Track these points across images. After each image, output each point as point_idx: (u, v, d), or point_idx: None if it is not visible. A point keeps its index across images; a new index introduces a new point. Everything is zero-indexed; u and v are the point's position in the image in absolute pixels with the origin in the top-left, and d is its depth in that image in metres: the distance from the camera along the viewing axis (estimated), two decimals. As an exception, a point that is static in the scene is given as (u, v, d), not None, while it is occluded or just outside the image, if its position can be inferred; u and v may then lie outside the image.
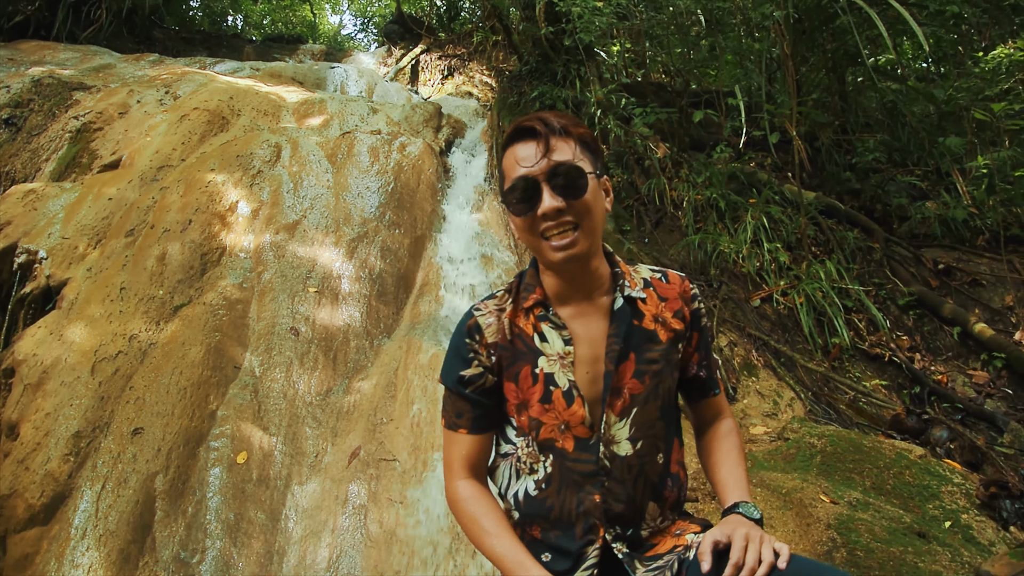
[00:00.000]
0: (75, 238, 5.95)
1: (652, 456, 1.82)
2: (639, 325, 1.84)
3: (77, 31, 13.93)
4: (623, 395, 1.79)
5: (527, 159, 1.71)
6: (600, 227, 1.78)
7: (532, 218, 1.72)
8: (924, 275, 6.32)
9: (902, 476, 3.83)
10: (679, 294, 1.94)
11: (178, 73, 9.54)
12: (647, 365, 1.82)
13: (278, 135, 7.31)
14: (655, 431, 1.83)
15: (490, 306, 1.93)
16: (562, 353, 1.80)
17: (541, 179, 1.69)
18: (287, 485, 4.36)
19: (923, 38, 5.49)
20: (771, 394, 5.29)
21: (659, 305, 1.89)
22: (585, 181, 1.71)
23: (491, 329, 1.88)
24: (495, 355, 1.87)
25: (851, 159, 7.48)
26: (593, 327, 1.83)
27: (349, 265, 5.89)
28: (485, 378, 1.88)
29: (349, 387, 5.08)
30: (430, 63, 15.89)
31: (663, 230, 7.25)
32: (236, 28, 22.84)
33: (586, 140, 1.79)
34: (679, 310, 1.91)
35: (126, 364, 4.79)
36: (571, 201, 1.69)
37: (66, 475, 4.12)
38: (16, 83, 8.40)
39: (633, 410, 1.79)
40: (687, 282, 1.98)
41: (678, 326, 1.89)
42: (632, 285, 1.87)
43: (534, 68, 9.69)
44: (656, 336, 1.85)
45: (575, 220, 1.70)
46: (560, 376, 1.79)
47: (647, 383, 1.81)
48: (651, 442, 1.82)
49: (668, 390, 1.87)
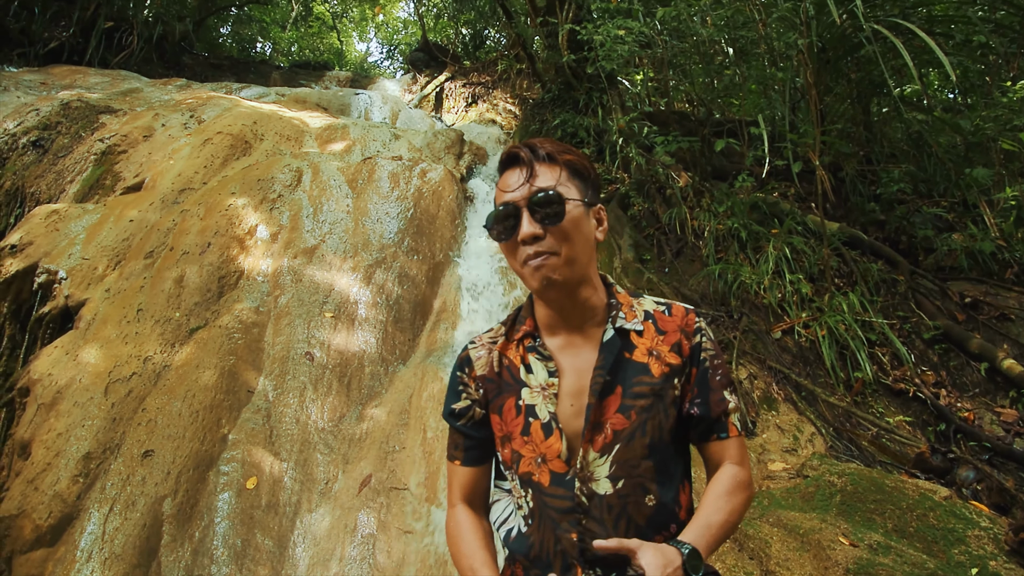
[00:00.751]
0: (95, 259, 5.98)
1: (637, 497, 1.69)
2: (629, 358, 1.76)
3: (109, 56, 14.23)
4: (604, 430, 1.70)
5: (511, 185, 1.71)
6: (584, 256, 1.73)
7: (512, 244, 1.70)
8: (950, 309, 6.19)
9: (926, 518, 3.70)
10: (679, 327, 1.82)
11: (203, 98, 9.65)
12: (634, 400, 1.72)
13: (300, 160, 7.35)
14: (640, 470, 1.70)
15: (484, 339, 1.94)
16: (544, 384, 1.76)
17: (522, 205, 1.68)
18: (296, 512, 4.31)
19: (950, 68, 5.40)
20: (791, 429, 5.17)
21: (656, 338, 1.80)
22: (562, 208, 1.67)
23: (480, 362, 1.89)
24: (482, 388, 1.88)
25: (876, 190, 7.38)
26: (582, 359, 1.77)
27: (366, 291, 5.87)
28: (473, 411, 1.89)
29: (362, 414, 5.03)
30: (454, 90, 16.02)
31: (684, 260, 7.18)
32: (264, 55, 23.19)
33: (575, 167, 1.77)
34: (677, 343, 1.80)
35: (139, 386, 4.77)
36: (549, 227, 1.66)
37: (75, 496, 4.09)
38: (46, 106, 8.53)
39: (615, 447, 1.69)
40: (692, 315, 1.86)
41: (674, 360, 1.78)
42: (629, 317, 1.81)
43: (557, 96, 9.71)
44: (648, 370, 1.75)
45: (554, 247, 1.67)
46: (541, 408, 1.75)
47: (632, 419, 1.70)
48: (635, 482, 1.69)
49: (659, 427, 1.73)
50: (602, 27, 7.45)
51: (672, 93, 10.21)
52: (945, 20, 7.13)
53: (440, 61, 17.23)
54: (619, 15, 7.84)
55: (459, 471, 1.93)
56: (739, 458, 1.81)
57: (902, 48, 5.53)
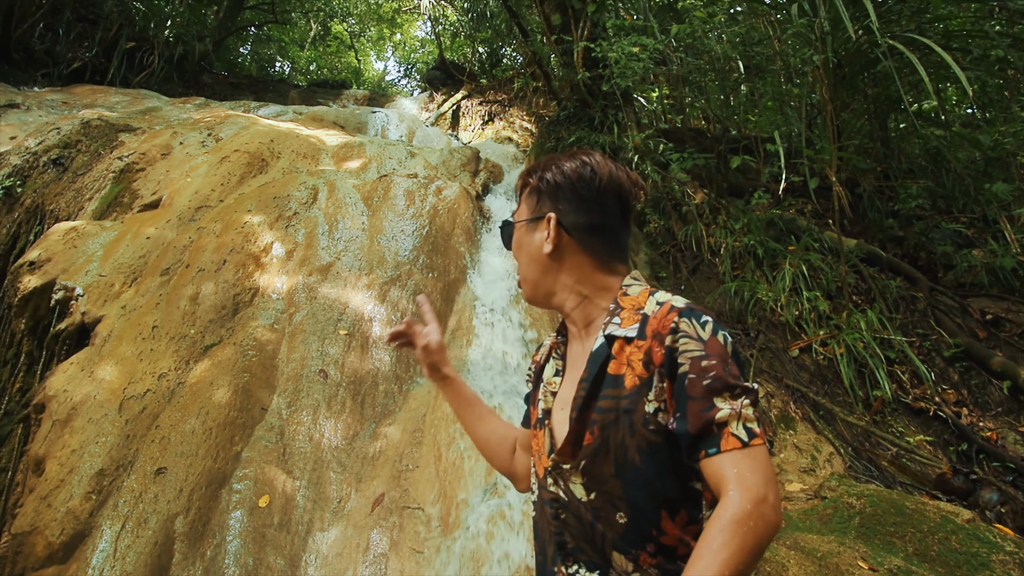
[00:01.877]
0: (112, 276, 6.01)
1: (608, 512, 1.57)
2: (608, 368, 1.63)
3: (131, 76, 14.45)
4: (581, 443, 1.63)
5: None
6: (533, 273, 1.82)
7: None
8: (971, 326, 6.11)
9: (948, 542, 3.62)
10: (655, 330, 1.55)
11: (221, 116, 9.73)
12: (599, 415, 1.59)
13: (316, 177, 7.38)
14: (609, 488, 1.57)
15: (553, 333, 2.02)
16: (548, 382, 1.86)
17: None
18: (308, 531, 4.28)
19: (966, 83, 5.37)
20: (809, 448, 5.11)
21: (637, 343, 1.59)
22: (508, 233, 1.90)
23: (541, 351, 2.02)
24: (533, 375, 2.03)
25: (894, 206, 7.32)
26: (579, 366, 1.74)
27: (381, 308, 5.86)
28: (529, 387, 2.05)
29: (376, 432, 5.01)
30: (471, 108, 16.11)
31: (700, 277, 7.14)
32: (283, 74, 23.42)
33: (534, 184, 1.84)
34: (647, 349, 1.55)
35: (153, 403, 4.78)
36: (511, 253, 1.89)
37: (87, 513, 4.09)
38: (67, 125, 8.62)
39: (582, 462, 1.61)
40: (672, 314, 1.53)
41: (643, 372, 1.55)
42: (625, 322, 1.63)
43: (572, 113, 9.71)
44: (621, 381, 1.59)
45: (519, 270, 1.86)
46: (541, 402, 1.85)
47: (595, 435, 1.58)
48: (606, 498, 1.58)
49: (622, 446, 1.55)
50: (617, 44, 7.45)
51: (688, 110, 10.19)
52: (962, 35, 7.10)
53: (457, 79, 17.35)
54: (634, 32, 7.84)
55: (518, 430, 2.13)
56: (738, 479, 1.35)
57: (918, 63, 5.50)
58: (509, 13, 12.14)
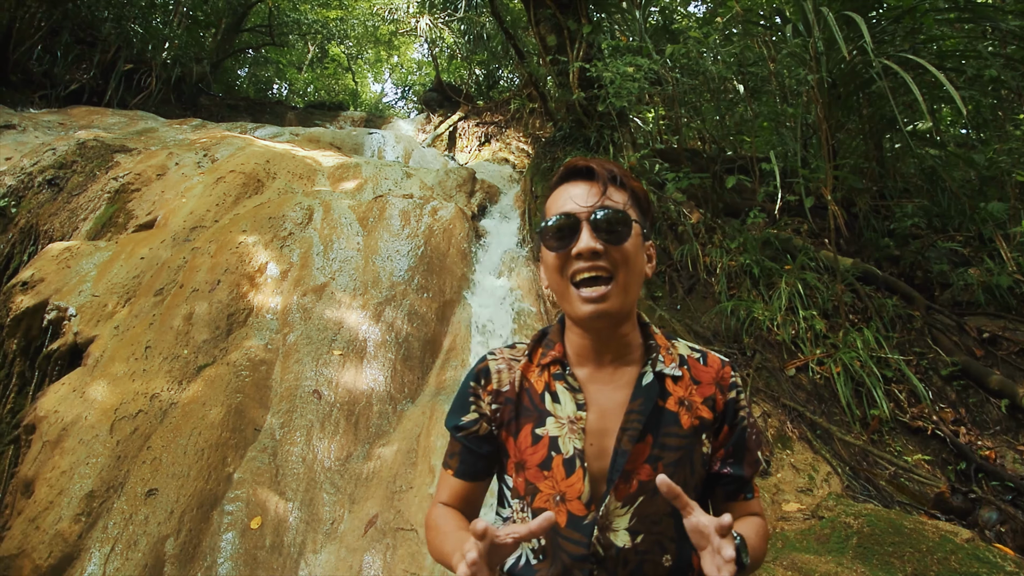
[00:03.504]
0: (105, 296, 5.98)
1: (655, 556, 1.59)
2: (663, 405, 1.65)
3: (128, 98, 14.53)
4: (631, 480, 1.58)
5: (578, 197, 1.61)
6: (636, 287, 1.64)
7: (565, 256, 1.60)
8: (968, 344, 6.08)
9: (947, 562, 3.56)
10: (715, 379, 1.72)
11: (217, 137, 9.74)
12: (663, 452, 1.61)
13: (311, 198, 7.37)
14: (661, 527, 1.59)
15: (505, 354, 1.82)
16: (573, 418, 1.63)
17: (583, 217, 1.58)
18: (300, 553, 4.23)
19: (960, 102, 5.38)
20: (806, 468, 5.06)
21: (690, 387, 1.69)
22: (629, 229, 1.59)
23: (500, 376, 1.77)
24: (497, 405, 1.75)
25: (890, 225, 7.32)
26: (609, 396, 1.65)
27: (375, 328, 5.84)
28: (479, 425, 1.77)
29: (370, 453, 4.97)
30: (468, 130, 16.16)
31: (696, 296, 7.12)
32: (280, 95, 23.55)
33: (638, 196, 1.68)
34: (711, 396, 1.69)
35: (145, 423, 4.74)
36: (610, 247, 1.57)
37: (76, 535, 4.03)
38: (62, 146, 8.63)
39: (639, 499, 1.58)
40: (728, 368, 1.75)
41: (706, 414, 1.67)
42: (667, 361, 1.69)
43: (568, 134, 9.73)
44: (679, 420, 1.64)
45: (610, 269, 1.57)
46: (566, 442, 1.62)
47: (660, 471, 1.57)
48: (655, 539, 1.59)
49: (684, 484, 1.59)
50: (612, 65, 7.47)
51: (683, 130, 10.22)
52: (956, 55, 7.14)
53: (454, 101, 17.42)
54: (629, 53, 7.87)
55: (451, 481, 1.81)
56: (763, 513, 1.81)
57: (912, 83, 5.52)
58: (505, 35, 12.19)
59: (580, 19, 9.12)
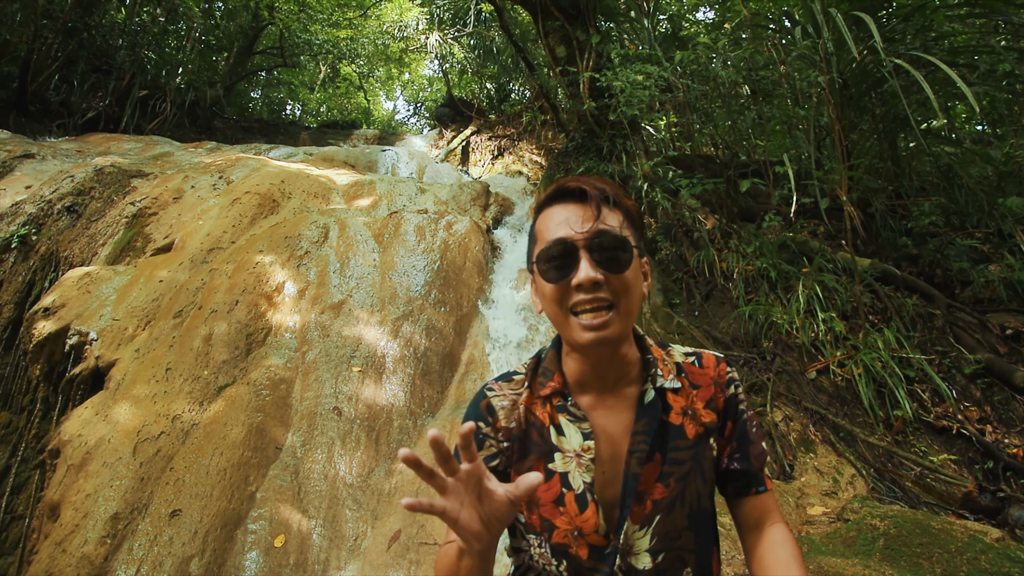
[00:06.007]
0: (125, 320, 6.04)
1: (677, 570, 1.58)
2: (666, 420, 1.62)
3: (144, 123, 14.70)
4: (645, 501, 1.56)
5: (572, 221, 1.52)
6: (636, 310, 1.57)
7: (564, 288, 1.51)
8: (991, 341, 6.00)
9: (977, 562, 3.50)
10: (713, 379, 1.70)
11: (232, 159, 9.82)
12: (672, 466, 1.59)
13: (326, 216, 7.41)
14: (681, 542, 1.58)
15: (504, 389, 1.74)
16: (580, 450, 1.60)
17: (581, 246, 1.50)
18: (325, 570, 4.23)
19: (973, 99, 5.33)
20: (830, 471, 5.01)
21: (691, 395, 1.66)
22: (629, 255, 1.52)
23: (504, 412, 1.70)
24: (507, 442, 1.68)
25: (907, 224, 7.25)
26: (614, 421, 1.62)
27: (394, 344, 5.85)
28: (498, 460, 1.67)
29: (391, 468, 4.96)
30: (480, 144, 16.20)
31: (713, 302, 7.08)
32: (293, 116, 23.74)
33: (632, 214, 1.61)
34: (711, 398, 1.68)
35: (168, 445, 4.76)
36: (610, 275, 1.49)
37: (102, 558, 4.05)
38: (80, 172, 8.73)
39: (655, 518, 1.56)
40: (724, 365, 1.74)
41: (709, 418, 1.66)
42: (665, 373, 1.66)
43: (580, 144, 9.74)
44: (683, 432, 1.62)
45: (611, 298, 1.49)
46: (575, 476, 1.59)
47: (672, 487, 1.57)
48: (675, 555, 1.58)
49: (697, 494, 1.61)
50: (622, 73, 7.49)
51: (696, 136, 10.21)
52: (968, 51, 7.08)
53: (466, 116, 17.48)
54: (638, 61, 7.88)
55: None
56: (779, 513, 1.73)
57: (923, 81, 5.48)
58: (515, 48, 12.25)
59: (588, 29, 9.16)
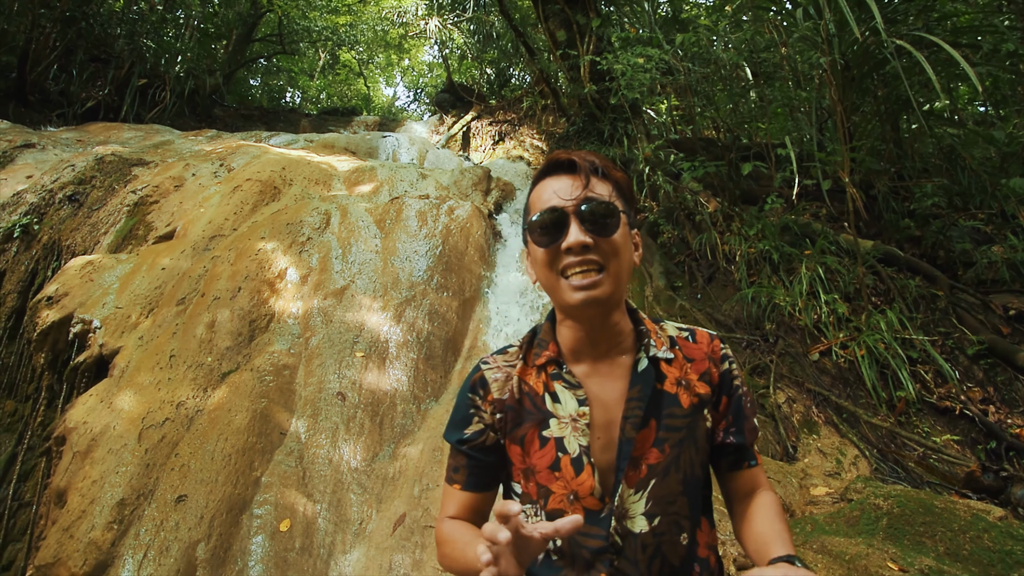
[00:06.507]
0: (128, 307, 6.04)
1: (673, 535, 1.62)
2: (661, 388, 1.68)
3: (143, 112, 14.64)
4: (640, 466, 1.61)
5: (562, 191, 1.61)
6: (626, 276, 1.64)
7: (555, 251, 1.59)
8: (994, 322, 6.01)
9: (980, 540, 3.52)
10: (707, 354, 1.76)
11: (233, 147, 9.80)
12: (668, 433, 1.64)
13: (328, 202, 7.40)
14: (676, 507, 1.63)
15: (499, 361, 1.81)
16: (575, 415, 1.65)
17: (571, 211, 1.57)
18: (330, 554, 4.25)
19: (976, 79, 5.31)
20: (834, 452, 5.02)
21: (684, 367, 1.72)
22: (617, 220, 1.59)
23: (497, 384, 1.76)
24: (500, 413, 1.74)
25: (909, 205, 7.24)
26: (609, 388, 1.67)
27: (396, 329, 5.85)
28: (486, 435, 1.75)
29: (395, 452, 4.98)
30: (481, 129, 16.15)
31: (716, 285, 7.09)
32: (294, 103, 23.68)
33: (622, 185, 1.68)
34: (706, 372, 1.73)
35: (172, 431, 4.78)
36: (599, 239, 1.56)
37: (109, 543, 4.08)
38: (81, 162, 8.71)
39: (651, 482, 1.61)
40: (717, 341, 1.80)
41: (703, 390, 1.71)
42: (658, 344, 1.71)
43: (581, 128, 9.72)
44: (678, 400, 1.68)
45: (600, 260, 1.56)
46: (571, 441, 1.64)
47: (667, 452, 1.63)
48: (671, 519, 1.62)
49: (691, 462, 1.66)
50: (622, 56, 7.45)
51: (697, 120, 10.17)
52: (971, 30, 7.04)
53: (466, 101, 17.43)
54: (639, 44, 7.84)
55: (458, 495, 1.78)
56: (768, 485, 1.82)
57: (925, 63, 5.46)
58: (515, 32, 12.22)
59: (589, 13, 9.12)
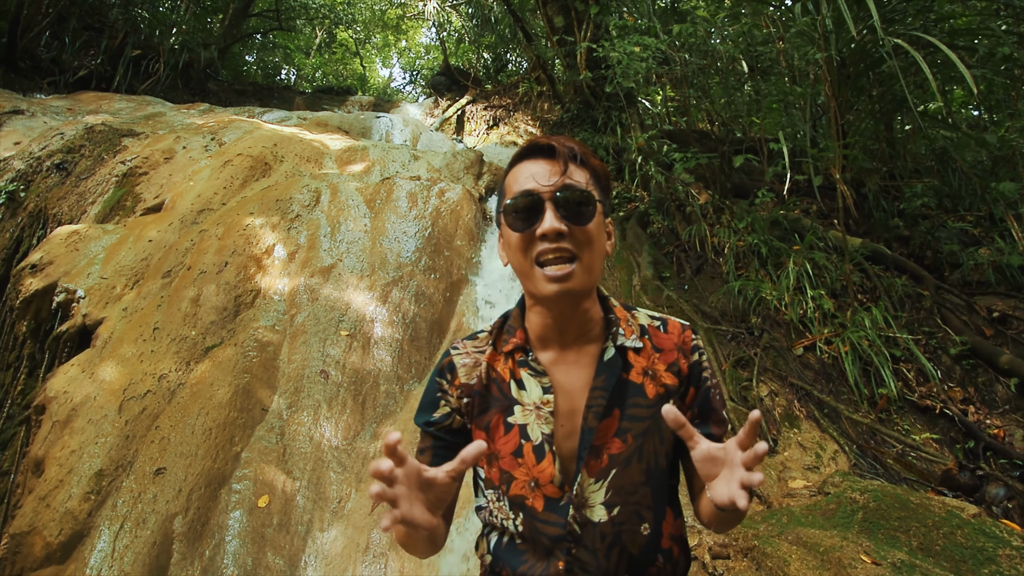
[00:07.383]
0: (113, 278, 6.01)
1: (633, 525, 1.61)
2: (627, 378, 1.66)
3: (136, 83, 14.51)
4: (602, 455, 1.61)
5: (539, 175, 1.58)
6: (599, 265, 1.64)
7: (529, 237, 1.57)
8: (978, 324, 6.04)
9: (953, 536, 3.55)
10: (677, 345, 1.74)
11: (225, 121, 9.74)
12: (631, 423, 1.63)
13: (318, 180, 7.37)
14: (637, 497, 1.62)
15: (469, 347, 1.80)
16: (539, 403, 1.64)
17: (547, 197, 1.55)
18: (308, 531, 4.26)
19: (972, 82, 5.31)
20: (813, 446, 5.05)
21: (652, 356, 1.70)
22: (593, 209, 1.58)
23: (465, 369, 1.75)
24: (467, 398, 1.73)
25: (900, 205, 7.27)
26: (574, 376, 1.66)
27: (383, 309, 5.84)
28: (452, 419, 1.74)
29: (377, 432, 4.98)
30: (476, 114, 16.09)
31: (704, 277, 7.10)
32: (288, 81, 23.52)
33: (599, 174, 1.67)
34: (674, 362, 1.71)
35: (153, 404, 4.76)
36: (573, 227, 1.55)
37: (86, 513, 4.07)
38: (70, 130, 8.65)
39: (611, 472, 1.60)
40: (689, 331, 1.78)
41: (670, 381, 1.69)
42: (627, 333, 1.70)
43: (576, 115, 9.70)
44: (643, 391, 1.66)
45: (574, 249, 1.55)
46: (534, 428, 1.63)
47: (629, 443, 1.62)
48: (632, 509, 1.61)
49: (655, 452, 1.65)
50: (619, 45, 7.43)
51: (692, 111, 10.16)
52: (968, 32, 7.05)
53: (462, 85, 17.36)
54: (636, 33, 7.82)
55: None
56: None
57: (922, 62, 5.45)
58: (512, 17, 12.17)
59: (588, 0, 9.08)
